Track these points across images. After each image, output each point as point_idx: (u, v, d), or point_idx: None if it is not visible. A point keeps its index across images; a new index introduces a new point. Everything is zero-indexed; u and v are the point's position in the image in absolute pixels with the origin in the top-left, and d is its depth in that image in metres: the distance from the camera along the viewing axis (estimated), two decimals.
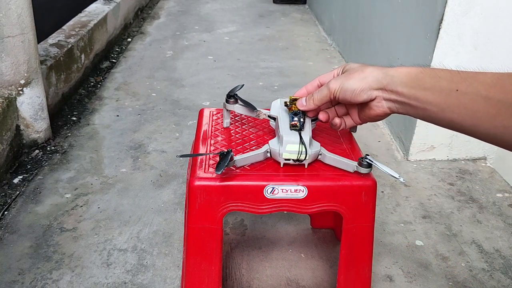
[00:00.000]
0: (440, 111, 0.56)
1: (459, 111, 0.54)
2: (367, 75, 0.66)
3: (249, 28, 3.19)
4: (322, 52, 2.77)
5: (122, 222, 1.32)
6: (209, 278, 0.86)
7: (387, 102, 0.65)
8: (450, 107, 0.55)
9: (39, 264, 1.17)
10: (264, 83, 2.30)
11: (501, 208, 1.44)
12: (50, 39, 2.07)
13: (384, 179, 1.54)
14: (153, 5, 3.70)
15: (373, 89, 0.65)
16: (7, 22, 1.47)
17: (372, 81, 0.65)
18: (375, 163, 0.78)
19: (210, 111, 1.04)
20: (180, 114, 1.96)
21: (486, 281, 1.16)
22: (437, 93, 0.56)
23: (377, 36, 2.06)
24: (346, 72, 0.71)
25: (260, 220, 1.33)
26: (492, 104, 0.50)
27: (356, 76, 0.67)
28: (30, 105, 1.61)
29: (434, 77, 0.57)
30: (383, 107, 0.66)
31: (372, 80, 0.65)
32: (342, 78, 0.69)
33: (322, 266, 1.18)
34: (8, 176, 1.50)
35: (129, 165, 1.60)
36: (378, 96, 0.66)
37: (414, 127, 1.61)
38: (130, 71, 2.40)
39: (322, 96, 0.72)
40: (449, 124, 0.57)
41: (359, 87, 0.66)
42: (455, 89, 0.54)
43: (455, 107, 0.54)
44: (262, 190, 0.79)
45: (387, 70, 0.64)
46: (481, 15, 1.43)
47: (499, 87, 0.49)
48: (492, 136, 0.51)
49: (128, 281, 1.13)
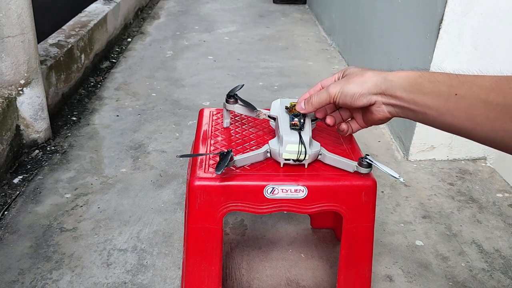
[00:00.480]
0: (440, 115, 0.56)
1: (458, 115, 0.54)
2: (367, 80, 0.66)
3: (249, 28, 3.19)
4: (322, 52, 2.77)
5: (122, 222, 1.32)
6: (209, 278, 0.86)
7: (387, 106, 0.66)
8: (450, 111, 0.55)
9: (39, 264, 1.17)
10: (264, 83, 2.30)
11: (501, 208, 1.44)
12: (50, 39, 2.07)
13: (384, 179, 1.54)
14: (153, 5, 3.70)
15: (372, 94, 0.66)
16: (7, 22, 1.47)
17: (371, 86, 0.66)
18: (375, 163, 0.78)
19: (210, 111, 1.04)
20: (180, 114, 1.96)
21: (486, 281, 1.16)
22: (436, 98, 0.56)
23: (377, 36, 2.06)
24: (346, 76, 0.71)
25: (260, 220, 1.33)
26: (492, 107, 0.50)
27: (356, 80, 0.68)
28: (30, 105, 1.61)
29: (433, 81, 0.57)
30: (383, 111, 0.67)
31: (371, 85, 0.66)
32: (342, 82, 0.70)
33: (322, 266, 1.18)
34: (8, 176, 1.50)
35: (129, 165, 1.60)
36: (378, 101, 0.66)
37: (414, 127, 1.61)
38: (130, 71, 2.40)
39: (321, 100, 0.73)
40: (448, 128, 0.57)
41: (358, 92, 0.67)
42: (454, 93, 0.54)
43: (455, 111, 0.54)
44: (262, 190, 0.79)
45: (386, 74, 0.65)
46: (481, 15, 1.43)
47: (498, 90, 0.49)
48: (492, 140, 0.51)
49: (128, 281, 1.13)
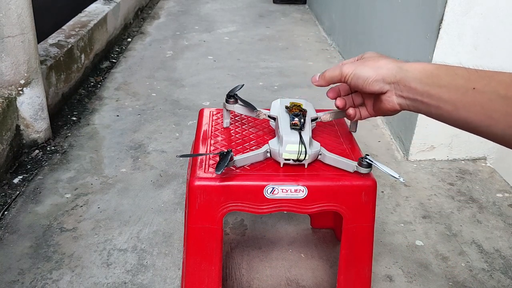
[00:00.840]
0: (455, 109, 0.55)
1: (475, 110, 0.52)
2: (382, 66, 0.65)
3: (249, 28, 3.19)
4: (322, 52, 2.77)
5: (122, 222, 1.32)
6: (209, 278, 0.86)
7: (398, 98, 0.64)
8: (466, 105, 0.53)
9: (39, 264, 1.17)
10: (264, 83, 2.30)
11: (501, 208, 1.44)
12: (50, 39, 2.07)
13: (384, 179, 1.54)
14: (153, 5, 3.70)
15: (386, 82, 0.64)
16: (7, 22, 1.47)
17: (386, 73, 0.64)
18: (375, 163, 0.78)
19: (210, 111, 1.04)
20: (180, 114, 1.96)
21: (486, 281, 1.16)
22: (453, 91, 0.55)
23: (377, 36, 2.06)
24: (363, 59, 0.70)
25: (260, 220, 1.33)
26: (510, 103, 0.49)
27: (371, 64, 0.66)
28: (30, 105, 1.61)
29: (451, 74, 0.56)
30: (393, 103, 0.65)
31: (386, 72, 0.64)
32: (356, 64, 0.69)
33: (322, 266, 1.18)
34: (8, 176, 1.50)
35: (129, 165, 1.60)
36: (390, 91, 0.64)
37: (414, 127, 1.61)
38: (130, 71, 2.40)
39: (333, 74, 0.72)
40: (462, 123, 0.55)
41: (372, 76, 0.65)
42: (471, 87, 0.53)
43: (471, 106, 0.53)
44: (262, 190, 0.79)
45: (402, 64, 0.63)
46: (481, 15, 1.43)
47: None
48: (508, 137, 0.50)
49: (128, 281, 1.13)
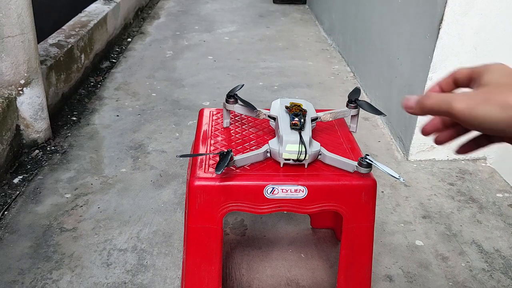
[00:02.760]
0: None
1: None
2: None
3: (249, 28, 3.19)
4: (322, 52, 2.77)
5: (122, 222, 1.32)
6: (209, 278, 0.86)
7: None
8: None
9: (39, 264, 1.17)
10: (264, 83, 2.30)
11: (501, 208, 1.44)
12: (50, 39, 2.07)
13: (384, 179, 1.54)
14: (153, 5, 3.70)
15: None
16: (7, 22, 1.47)
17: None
18: (375, 163, 0.78)
19: (210, 111, 1.04)
20: (180, 114, 1.96)
21: (486, 281, 1.16)
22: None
23: (377, 36, 2.06)
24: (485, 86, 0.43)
25: (260, 220, 1.33)
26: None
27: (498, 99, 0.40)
28: (30, 105, 1.61)
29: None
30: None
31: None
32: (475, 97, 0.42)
33: (322, 266, 1.18)
34: (8, 176, 1.50)
35: (129, 165, 1.60)
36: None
37: (414, 127, 1.61)
38: (130, 71, 2.40)
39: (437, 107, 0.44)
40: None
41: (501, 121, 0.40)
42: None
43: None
44: (262, 190, 0.79)
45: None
46: (481, 15, 1.43)
47: None
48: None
49: (128, 281, 1.13)
